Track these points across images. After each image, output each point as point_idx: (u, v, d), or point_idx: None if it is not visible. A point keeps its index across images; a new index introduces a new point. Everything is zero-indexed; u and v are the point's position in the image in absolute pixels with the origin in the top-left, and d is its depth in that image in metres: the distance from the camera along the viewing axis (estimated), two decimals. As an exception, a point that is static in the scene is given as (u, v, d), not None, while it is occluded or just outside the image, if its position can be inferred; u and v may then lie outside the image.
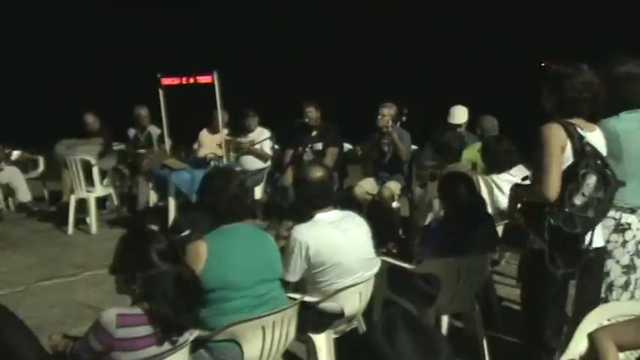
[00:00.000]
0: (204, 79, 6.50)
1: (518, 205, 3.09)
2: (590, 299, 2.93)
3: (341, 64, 12.71)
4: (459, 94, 6.60)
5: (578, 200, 2.69)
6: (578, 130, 2.74)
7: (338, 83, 12.10)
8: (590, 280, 2.94)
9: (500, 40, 11.02)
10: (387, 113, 6.12)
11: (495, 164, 4.71)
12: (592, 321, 2.31)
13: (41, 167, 8.27)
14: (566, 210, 2.69)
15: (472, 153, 5.44)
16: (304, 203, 3.34)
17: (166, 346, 2.34)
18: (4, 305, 2.12)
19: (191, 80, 6.62)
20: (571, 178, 2.70)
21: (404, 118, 6.27)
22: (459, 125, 6.07)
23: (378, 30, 12.57)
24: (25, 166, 8.11)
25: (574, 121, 2.79)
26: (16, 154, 8.00)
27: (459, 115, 6.13)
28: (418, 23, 12.05)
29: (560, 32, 9.99)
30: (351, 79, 12.27)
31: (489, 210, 4.22)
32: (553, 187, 2.70)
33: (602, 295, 3.09)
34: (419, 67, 11.76)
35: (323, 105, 6.82)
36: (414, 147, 6.58)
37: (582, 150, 2.71)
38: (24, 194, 7.63)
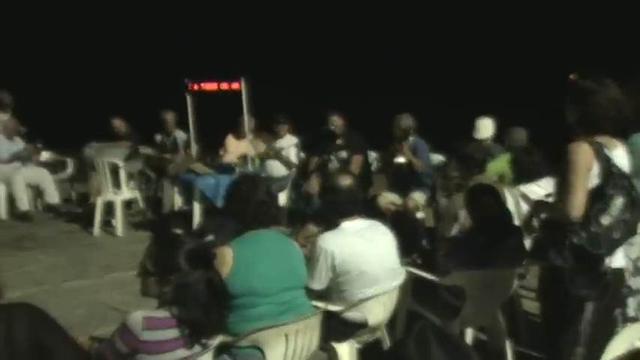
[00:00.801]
0: (231, 86, 6.55)
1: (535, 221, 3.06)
2: (607, 320, 2.87)
3: (364, 68, 12.75)
4: (485, 104, 6.55)
5: (605, 221, 2.66)
6: (605, 150, 2.71)
7: (362, 88, 12.13)
8: (608, 301, 2.86)
9: (531, 50, 10.93)
10: (397, 125, 6.07)
11: (523, 175, 4.66)
12: (623, 341, 2.27)
13: (70, 169, 8.40)
14: (592, 230, 2.66)
15: (499, 165, 5.39)
16: (331, 211, 3.33)
17: (191, 350, 2.34)
18: (39, 307, 2.12)
19: (219, 86, 6.67)
20: (598, 198, 2.67)
21: (411, 138, 6.17)
22: (485, 139, 6.02)
23: (402, 35, 12.58)
24: (54, 167, 8.25)
25: (599, 138, 2.75)
26: (45, 155, 8.15)
27: (485, 128, 6.08)
28: (449, 29, 12.02)
29: (593, 42, 9.87)
30: (375, 84, 12.29)
31: (516, 222, 4.17)
32: (578, 207, 2.66)
33: (633, 314, 3.03)
34: (446, 74, 11.72)
35: (347, 111, 6.83)
36: (439, 157, 6.53)
37: (609, 170, 2.68)
38: (52, 196, 7.76)
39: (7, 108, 8.68)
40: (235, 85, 6.53)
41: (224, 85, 6.63)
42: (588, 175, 2.69)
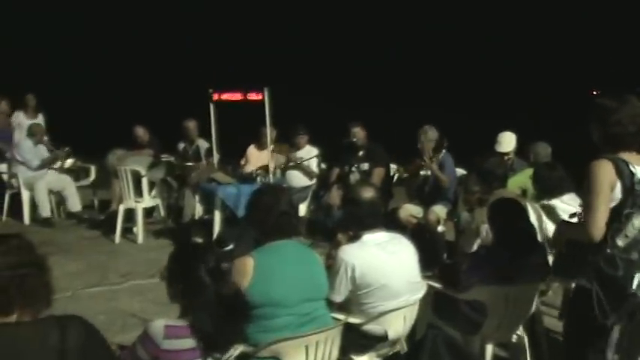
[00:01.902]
0: (254, 96, 6.58)
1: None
2: (635, 347, 2.79)
3: (386, 80, 12.79)
4: (508, 119, 6.51)
5: (620, 241, 2.60)
6: (630, 167, 2.66)
7: (384, 100, 12.16)
8: (636, 327, 2.75)
9: (556, 64, 10.89)
10: (425, 138, 6.03)
11: (546, 190, 4.60)
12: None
13: (92, 176, 8.49)
14: (608, 251, 2.61)
15: (522, 179, 5.33)
16: (353, 223, 3.32)
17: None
18: (89, 322, 2.11)
19: (242, 97, 6.70)
20: (615, 217, 2.62)
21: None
22: (507, 153, 5.98)
23: (428, 48, 12.60)
24: (77, 174, 8.34)
25: (625, 155, 2.70)
26: (69, 162, 8.24)
27: (507, 142, 6.03)
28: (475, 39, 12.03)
29: (619, 58, 9.80)
30: (397, 96, 12.32)
31: (539, 238, 4.12)
32: (599, 226, 2.62)
33: None
34: (469, 87, 11.72)
35: (369, 123, 6.82)
36: (461, 171, 6.49)
37: (631, 188, 2.62)
38: (73, 204, 7.84)
39: (31, 110, 8.82)
40: (258, 96, 6.55)
41: (247, 96, 6.66)
42: (611, 194, 2.64)
